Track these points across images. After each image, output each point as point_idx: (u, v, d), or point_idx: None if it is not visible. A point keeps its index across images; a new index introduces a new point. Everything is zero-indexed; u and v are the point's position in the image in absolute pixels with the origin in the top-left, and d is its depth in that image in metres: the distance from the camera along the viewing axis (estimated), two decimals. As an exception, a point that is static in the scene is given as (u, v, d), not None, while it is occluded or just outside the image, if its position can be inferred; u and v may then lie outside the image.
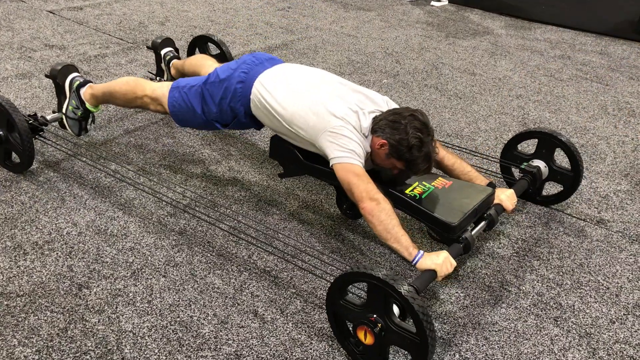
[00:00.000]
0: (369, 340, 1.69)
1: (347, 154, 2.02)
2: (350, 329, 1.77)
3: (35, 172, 2.65)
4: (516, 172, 2.63)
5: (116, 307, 1.96)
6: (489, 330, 1.97)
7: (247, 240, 2.28)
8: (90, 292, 2.02)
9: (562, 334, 1.97)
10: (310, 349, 1.86)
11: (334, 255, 2.25)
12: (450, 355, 1.87)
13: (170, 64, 3.10)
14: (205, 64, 2.82)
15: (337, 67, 4.18)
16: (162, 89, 2.47)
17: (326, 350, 1.85)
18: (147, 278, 2.09)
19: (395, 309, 1.69)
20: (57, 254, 2.18)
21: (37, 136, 2.62)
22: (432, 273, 1.84)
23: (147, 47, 3.26)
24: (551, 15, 5.77)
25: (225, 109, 2.35)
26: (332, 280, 1.74)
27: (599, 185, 2.85)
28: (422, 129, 2.01)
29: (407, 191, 2.12)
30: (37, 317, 1.90)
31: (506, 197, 2.20)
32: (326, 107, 2.11)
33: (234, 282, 2.10)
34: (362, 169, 2.01)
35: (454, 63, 4.40)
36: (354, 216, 2.45)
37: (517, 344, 1.92)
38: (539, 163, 2.50)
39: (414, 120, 2.02)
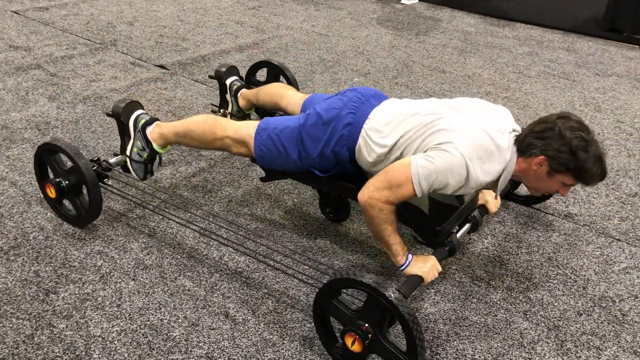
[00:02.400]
0: (356, 347, 1.68)
1: (423, 173, 1.73)
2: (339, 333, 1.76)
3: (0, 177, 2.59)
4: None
5: (84, 312, 1.93)
6: (460, 326, 1.99)
7: (218, 241, 2.26)
8: (58, 297, 1.98)
9: (531, 327, 1.99)
10: (283, 349, 1.85)
11: (307, 255, 2.25)
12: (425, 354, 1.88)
13: (239, 95, 2.78)
14: (286, 94, 2.49)
15: (309, 65, 4.17)
16: (247, 129, 2.13)
17: (298, 350, 1.85)
18: (116, 282, 2.07)
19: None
20: (23, 259, 2.14)
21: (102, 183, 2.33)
22: (419, 279, 1.82)
23: (210, 77, 2.92)
24: (520, 13, 5.85)
25: (328, 155, 2.02)
26: (310, 283, 1.73)
27: (567, 180, 2.89)
28: (580, 127, 1.71)
29: None
30: (2, 325, 1.86)
31: (491, 198, 2.18)
32: (449, 128, 1.79)
33: (204, 284, 2.08)
34: (409, 188, 1.75)
35: (424, 61, 4.43)
36: (337, 220, 2.44)
37: (488, 339, 1.94)
38: None
39: (566, 121, 1.72)
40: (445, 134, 1.77)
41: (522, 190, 2.70)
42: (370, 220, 1.83)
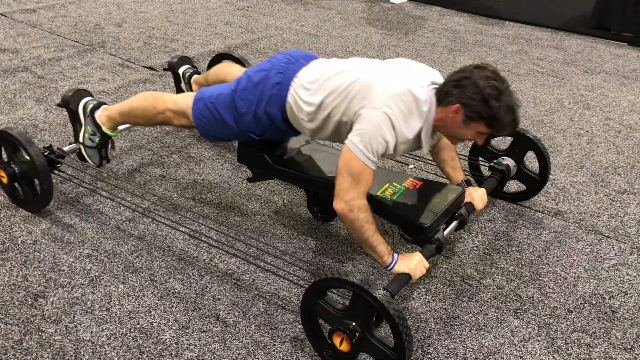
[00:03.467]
0: (344, 347, 1.68)
1: (363, 146, 1.78)
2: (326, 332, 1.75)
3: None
4: (485, 170, 2.64)
5: (74, 316, 1.92)
6: (451, 325, 1.99)
7: (208, 243, 2.25)
8: (47, 301, 1.97)
9: (522, 326, 2.00)
10: (274, 350, 1.85)
11: (297, 255, 2.24)
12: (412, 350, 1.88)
13: (192, 81, 2.88)
14: (230, 71, 2.55)
15: (298, 66, 4.16)
16: (185, 100, 2.20)
17: (289, 351, 1.85)
18: (106, 285, 2.05)
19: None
20: (11, 263, 2.12)
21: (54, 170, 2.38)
22: (407, 276, 1.82)
23: (164, 69, 3.06)
24: (508, 11, 5.87)
25: (261, 116, 2.07)
26: (301, 284, 1.73)
27: (556, 178, 2.90)
28: (494, 76, 1.76)
29: (378, 193, 2.09)
30: (-10, 330, 1.84)
31: (478, 195, 2.18)
32: (369, 85, 1.84)
33: (195, 287, 2.07)
34: (366, 168, 1.80)
35: (414, 60, 4.43)
36: (325, 219, 2.43)
37: (479, 337, 1.95)
38: (508, 161, 2.51)
39: (481, 70, 1.77)
40: (367, 94, 1.83)
41: (511, 187, 2.71)
42: (351, 224, 1.84)
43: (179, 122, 2.23)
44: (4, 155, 2.34)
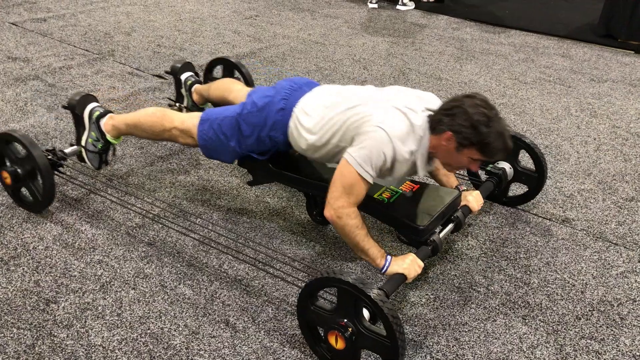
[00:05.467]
0: (340, 345, 1.70)
1: (361, 159, 1.84)
2: (322, 334, 1.78)
3: (-1, 186, 2.60)
4: (482, 174, 2.67)
5: (85, 321, 1.93)
6: (459, 331, 2.00)
7: (217, 249, 2.27)
8: (58, 306, 1.99)
9: (530, 332, 2.00)
10: (283, 356, 1.86)
11: (305, 262, 2.25)
12: (421, 356, 1.89)
13: (192, 89, 2.90)
14: (233, 89, 2.61)
15: (305, 74, 4.20)
16: (192, 120, 2.26)
17: (299, 357, 1.86)
18: (117, 291, 2.07)
19: (366, 313, 1.71)
20: (23, 269, 2.15)
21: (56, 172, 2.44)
22: (401, 276, 1.85)
23: (166, 72, 3.06)
24: (515, 20, 5.89)
25: (264, 139, 2.16)
26: (303, 286, 1.74)
27: (564, 185, 2.91)
28: (483, 104, 1.83)
29: (375, 195, 2.13)
30: (2, 335, 1.86)
31: (473, 198, 2.23)
32: (366, 111, 1.92)
33: (204, 292, 2.09)
34: (359, 181, 1.86)
35: (421, 68, 4.46)
36: (324, 222, 2.45)
37: (487, 344, 1.95)
38: (504, 165, 2.54)
39: (471, 99, 1.85)
40: (367, 120, 1.89)
41: (511, 192, 2.72)
42: (342, 231, 1.90)
43: (184, 141, 2.30)
44: (7, 158, 2.41)
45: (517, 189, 2.72)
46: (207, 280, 2.15)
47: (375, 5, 6.23)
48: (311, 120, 2.05)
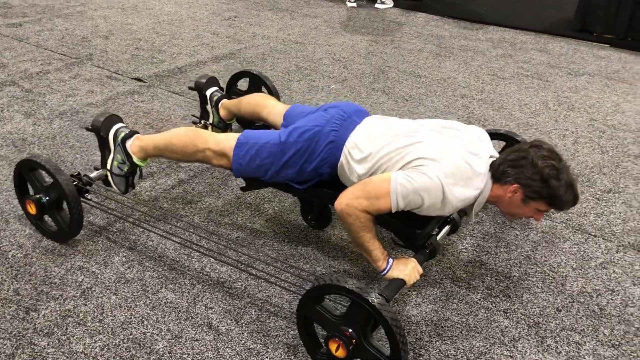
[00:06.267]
0: (340, 353, 1.69)
1: (401, 189, 1.77)
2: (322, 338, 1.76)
3: (-24, 195, 2.57)
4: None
5: (66, 329, 1.92)
6: (442, 327, 2.01)
7: (199, 251, 2.26)
8: (39, 314, 1.97)
9: (511, 325, 2.02)
10: (267, 357, 1.86)
11: (289, 262, 2.25)
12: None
13: (220, 105, 2.79)
14: (267, 104, 2.51)
15: (286, 74, 4.19)
16: (228, 142, 2.13)
17: (282, 357, 1.86)
18: (98, 297, 2.06)
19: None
20: (2, 277, 2.12)
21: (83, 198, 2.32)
22: (401, 282, 1.84)
23: (190, 88, 2.93)
24: (492, 16, 5.94)
25: (309, 171, 2.06)
26: (293, 290, 1.74)
27: (543, 179, 2.94)
28: (551, 155, 1.78)
29: None
30: (-18, 345, 1.84)
31: None
32: (425, 153, 1.82)
33: (187, 296, 2.08)
34: (384, 201, 1.79)
35: (400, 66, 4.48)
36: (319, 227, 2.45)
37: (470, 338, 1.97)
38: None
39: (538, 149, 1.79)
40: (425, 158, 1.80)
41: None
42: (347, 227, 1.86)
43: (217, 163, 2.18)
44: (31, 185, 2.30)
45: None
46: (189, 284, 2.14)
47: (354, 4, 6.24)
48: (364, 156, 1.94)
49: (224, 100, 2.79)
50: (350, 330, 1.67)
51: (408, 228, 2.00)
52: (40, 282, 2.11)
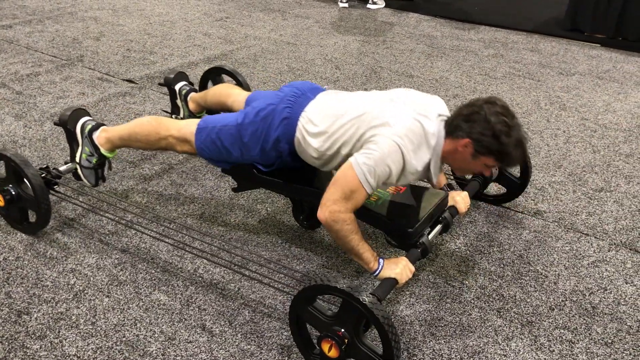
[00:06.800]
0: (333, 353, 1.69)
1: (367, 168, 1.77)
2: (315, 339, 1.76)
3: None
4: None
5: (59, 332, 1.91)
6: (435, 326, 2.01)
7: (192, 253, 2.25)
8: (31, 317, 1.96)
9: (505, 325, 2.03)
10: (261, 358, 1.85)
11: (282, 263, 2.25)
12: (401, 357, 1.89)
13: (188, 98, 2.82)
14: (231, 93, 2.53)
15: (278, 75, 4.19)
16: (189, 128, 2.18)
17: (277, 358, 1.85)
18: (90, 299, 2.05)
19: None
20: (-7, 281, 2.11)
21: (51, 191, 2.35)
22: (393, 281, 1.84)
23: (159, 84, 2.98)
24: (484, 16, 5.96)
25: (269, 150, 2.07)
26: (286, 291, 1.73)
27: (535, 178, 2.95)
28: (505, 112, 1.79)
29: None
30: (-26, 348, 1.83)
31: (460, 198, 2.20)
32: (377, 117, 1.85)
33: (180, 297, 2.07)
34: (360, 190, 1.79)
35: (392, 66, 4.49)
36: (311, 227, 2.44)
37: (463, 337, 1.97)
38: None
39: (492, 106, 1.80)
40: (376, 126, 1.83)
41: (492, 189, 2.75)
42: (336, 235, 1.84)
43: (181, 149, 2.22)
44: None
45: (494, 188, 2.75)
46: (182, 285, 2.13)
47: (346, 5, 6.24)
48: (319, 129, 1.96)
49: (192, 94, 2.83)
50: (343, 330, 1.67)
51: (399, 226, 2.00)
52: (32, 285, 2.10)
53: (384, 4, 6.27)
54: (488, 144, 1.77)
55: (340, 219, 1.80)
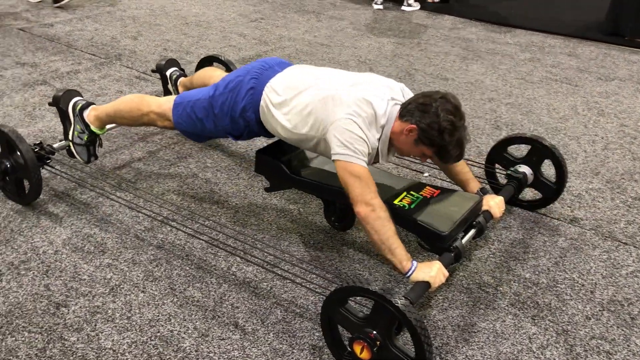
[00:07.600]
0: (364, 355, 1.68)
1: (349, 151, 1.89)
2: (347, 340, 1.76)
3: (8, 191, 2.62)
4: (501, 178, 2.64)
5: (95, 325, 1.94)
6: (468, 332, 1.99)
7: (226, 250, 2.28)
8: (69, 310, 2.00)
9: (540, 332, 2.00)
10: (292, 358, 1.86)
11: (314, 263, 2.26)
12: None
13: (178, 83, 3.00)
14: (213, 75, 2.68)
15: (312, 76, 4.20)
16: (168, 103, 2.35)
17: (308, 358, 1.86)
18: (126, 294, 2.08)
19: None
20: (33, 273, 2.16)
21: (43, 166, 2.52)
22: (426, 284, 1.82)
23: (152, 71, 3.22)
24: (520, 19, 5.88)
25: (237, 119, 2.21)
26: (318, 291, 1.73)
27: (572, 184, 2.90)
28: (455, 112, 1.89)
29: (395, 201, 2.10)
30: (14, 339, 1.88)
31: (495, 203, 2.19)
32: (333, 99, 1.99)
33: (213, 295, 2.10)
34: (364, 168, 1.90)
35: (427, 69, 4.46)
36: (342, 228, 2.44)
37: (497, 344, 1.95)
38: (525, 169, 2.50)
39: (445, 102, 1.90)
40: (331, 106, 1.97)
41: (527, 195, 2.71)
42: (374, 224, 1.86)
43: (162, 124, 2.39)
44: None
45: (529, 193, 2.71)
46: (215, 283, 2.15)
47: (381, 7, 6.23)
48: (281, 99, 2.10)
49: (182, 79, 3.00)
50: (375, 332, 1.66)
51: (433, 231, 1.98)
52: (70, 279, 2.14)
53: (418, 6, 6.24)
54: (431, 136, 1.89)
55: (377, 204, 1.87)
